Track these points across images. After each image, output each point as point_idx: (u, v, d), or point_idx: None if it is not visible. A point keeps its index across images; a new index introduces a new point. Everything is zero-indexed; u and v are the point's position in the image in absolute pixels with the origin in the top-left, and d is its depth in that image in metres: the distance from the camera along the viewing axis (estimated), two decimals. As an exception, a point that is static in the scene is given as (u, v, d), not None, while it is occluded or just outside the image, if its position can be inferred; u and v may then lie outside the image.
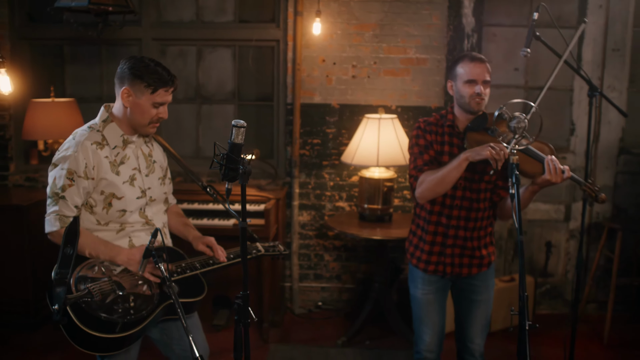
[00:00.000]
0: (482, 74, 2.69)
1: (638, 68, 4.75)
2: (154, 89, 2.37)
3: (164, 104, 2.43)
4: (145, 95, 2.37)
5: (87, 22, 4.40)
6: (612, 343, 4.28)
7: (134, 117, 2.40)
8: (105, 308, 2.19)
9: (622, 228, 4.33)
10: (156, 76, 2.36)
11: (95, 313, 2.15)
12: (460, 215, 2.77)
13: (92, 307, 2.16)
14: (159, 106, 2.41)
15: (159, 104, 2.40)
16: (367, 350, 4.14)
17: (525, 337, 2.08)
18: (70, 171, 2.28)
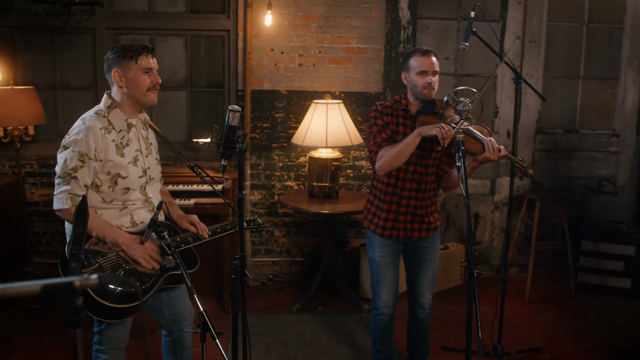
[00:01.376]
0: (432, 65, 3.11)
1: (551, 57, 5.35)
2: (136, 58, 2.64)
3: (151, 69, 2.70)
4: (132, 67, 2.65)
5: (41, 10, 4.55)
6: (532, 299, 4.89)
7: (133, 91, 2.67)
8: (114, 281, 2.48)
9: (539, 199, 4.92)
10: (133, 48, 2.66)
11: (106, 287, 2.44)
12: (412, 187, 3.20)
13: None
14: (149, 71, 2.69)
15: (147, 70, 2.68)
16: (320, 315, 4.55)
17: (474, 282, 2.53)
18: (82, 153, 2.54)
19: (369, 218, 3.37)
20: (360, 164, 5.22)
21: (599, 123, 5.53)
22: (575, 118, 5.49)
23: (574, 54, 5.41)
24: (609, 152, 5.50)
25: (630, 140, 5.47)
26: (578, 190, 5.50)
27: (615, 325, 4.47)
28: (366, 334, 4.24)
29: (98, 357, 2.83)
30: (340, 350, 4.00)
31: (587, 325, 4.46)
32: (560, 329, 4.39)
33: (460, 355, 3.94)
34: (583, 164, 5.49)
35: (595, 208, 5.53)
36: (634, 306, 4.81)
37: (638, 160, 5.46)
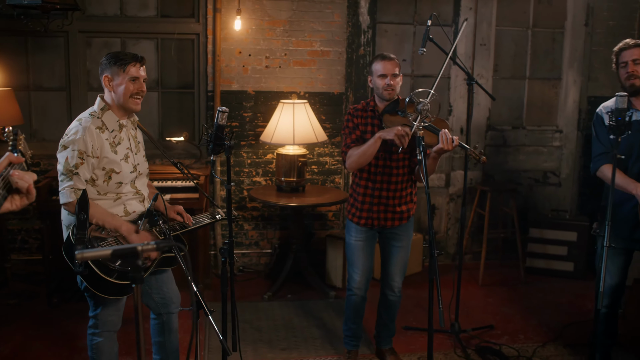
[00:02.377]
0: (392, 69, 3.44)
1: (500, 59, 5.78)
2: (125, 66, 2.90)
3: (138, 78, 2.95)
4: (121, 74, 2.90)
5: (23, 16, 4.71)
6: (485, 283, 5.30)
7: (118, 96, 2.92)
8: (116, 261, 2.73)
9: (490, 190, 5.33)
10: (124, 56, 2.91)
11: (110, 265, 2.69)
12: (383, 180, 3.52)
13: (108, 260, 2.69)
14: (135, 80, 2.94)
15: (134, 78, 2.93)
16: (290, 302, 4.85)
17: (434, 261, 2.87)
18: (81, 151, 2.78)
19: (348, 208, 3.69)
20: (324, 160, 5.53)
21: (544, 120, 5.99)
22: (522, 115, 5.93)
23: (520, 56, 5.85)
24: (553, 147, 5.96)
25: (572, 136, 5.94)
26: (525, 182, 5.95)
27: (559, 304, 4.91)
28: (334, 317, 4.56)
29: (93, 339, 3.07)
30: (311, 333, 4.31)
31: (535, 304, 4.89)
32: (511, 308, 4.80)
33: (421, 333, 4.29)
34: (530, 157, 5.93)
35: (541, 198, 5.99)
36: (576, 287, 5.26)
37: (579, 153, 5.94)
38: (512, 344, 4.17)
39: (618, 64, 3.44)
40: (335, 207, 5.61)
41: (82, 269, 2.38)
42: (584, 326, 4.40)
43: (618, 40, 5.71)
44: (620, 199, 3.35)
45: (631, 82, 3.35)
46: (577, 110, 5.89)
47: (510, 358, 3.96)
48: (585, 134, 5.87)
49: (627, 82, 3.37)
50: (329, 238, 5.28)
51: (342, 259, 5.13)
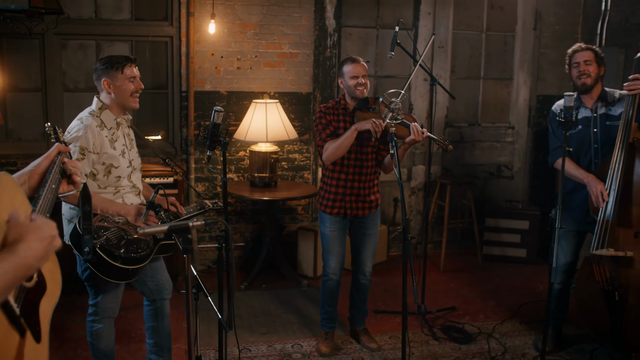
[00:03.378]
0: (362, 71, 3.76)
1: (456, 61, 6.17)
2: (122, 68, 3.15)
3: (135, 77, 3.19)
4: (119, 77, 3.15)
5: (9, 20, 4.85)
6: (446, 269, 5.68)
7: (119, 97, 3.16)
8: (122, 247, 2.96)
9: (449, 183, 5.71)
10: (118, 59, 3.16)
11: (115, 252, 2.92)
12: (355, 171, 3.84)
13: (112, 248, 2.92)
14: (133, 79, 3.18)
15: (131, 78, 3.17)
16: (265, 291, 5.13)
17: (408, 245, 3.19)
18: (82, 148, 3.00)
19: (320, 200, 3.98)
20: (294, 157, 5.82)
21: (497, 117, 6.42)
22: (477, 113, 6.35)
23: (475, 58, 6.26)
24: (506, 142, 6.40)
25: (523, 132, 6.38)
26: (481, 175, 6.37)
27: (514, 286, 5.33)
28: (308, 304, 4.85)
29: (93, 326, 3.29)
30: (287, 318, 4.59)
31: (492, 288, 5.29)
32: (471, 292, 5.19)
33: (390, 316, 4.63)
34: (485, 152, 6.36)
35: (495, 190, 6.42)
36: (528, 271, 5.70)
37: (530, 148, 6.39)
38: (473, 322, 4.55)
39: (571, 65, 3.82)
40: (305, 201, 5.90)
41: (91, 256, 2.60)
42: (537, 305, 4.82)
43: (564, 43, 6.21)
44: (574, 188, 3.75)
45: (582, 80, 3.74)
46: (527, 108, 6.34)
47: (472, 335, 4.33)
48: (535, 130, 6.33)
49: (579, 80, 3.75)
50: (300, 230, 5.57)
51: (313, 250, 5.43)
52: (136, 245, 3.06)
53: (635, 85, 3.50)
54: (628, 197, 3.49)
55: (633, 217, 3.48)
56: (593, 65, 3.71)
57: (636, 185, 3.47)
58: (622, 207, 3.50)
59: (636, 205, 3.47)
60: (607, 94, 3.75)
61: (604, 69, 3.75)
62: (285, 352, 4.05)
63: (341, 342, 4.20)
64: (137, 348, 4.08)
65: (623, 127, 3.53)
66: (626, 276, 3.52)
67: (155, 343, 3.58)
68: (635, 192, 3.47)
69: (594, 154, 3.73)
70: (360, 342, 4.16)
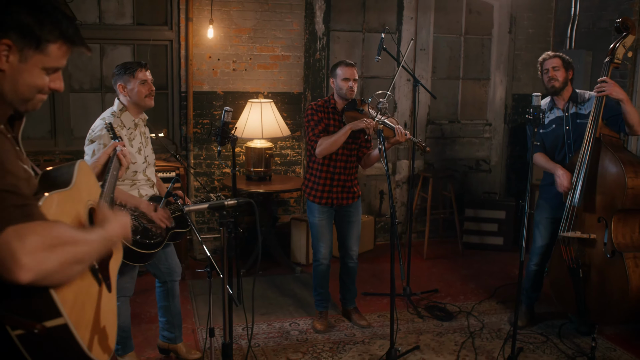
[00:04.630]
0: (353, 74, 4.16)
1: (437, 62, 6.60)
2: (133, 73, 3.52)
3: (146, 80, 3.56)
4: (132, 81, 3.51)
5: None
6: (429, 257, 6.11)
7: (134, 98, 3.52)
8: (139, 234, 3.33)
9: (432, 176, 6.14)
10: (130, 65, 3.53)
11: (133, 237, 3.28)
12: (341, 165, 4.24)
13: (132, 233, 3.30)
14: (145, 82, 3.55)
15: (143, 81, 3.54)
16: (262, 277, 5.51)
17: (395, 229, 3.60)
18: (105, 145, 3.36)
19: (308, 191, 4.37)
20: (286, 152, 6.21)
21: (476, 115, 6.86)
22: (457, 111, 6.78)
23: (455, 60, 6.69)
24: (483, 138, 6.84)
25: (500, 128, 6.83)
26: (461, 169, 6.81)
27: (492, 271, 5.77)
28: (302, 288, 5.25)
29: (112, 303, 3.66)
30: (284, 301, 4.99)
31: (472, 273, 5.73)
32: (452, 276, 5.62)
33: (378, 297, 5.04)
34: (464, 147, 6.80)
35: (474, 183, 6.87)
36: (505, 257, 6.14)
37: (506, 143, 6.84)
38: (454, 303, 4.98)
39: (542, 71, 4.27)
40: (296, 194, 6.29)
41: None
42: (512, 287, 5.25)
43: (537, 45, 6.68)
44: (550, 180, 4.20)
45: (552, 84, 4.20)
46: (503, 106, 6.78)
47: (453, 313, 4.76)
48: (511, 127, 6.78)
49: (549, 84, 4.21)
50: (294, 221, 5.97)
51: (306, 239, 5.82)
52: (150, 233, 3.43)
53: (602, 87, 3.94)
54: (593, 186, 3.93)
55: (597, 203, 3.92)
56: (561, 70, 4.16)
57: (600, 175, 3.92)
58: (588, 195, 3.95)
59: (600, 193, 3.92)
60: (577, 94, 4.21)
61: (572, 72, 4.21)
62: (284, 330, 4.45)
63: (334, 320, 4.60)
64: (147, 328, 4.44)
65: (591, 123, 3.98)
66: (589, 256, 3.96)
67: (167, 321, 3.96)
68: (600, 181, 3.92)
69: (567, 150, 4.19)
70: (352, 320, 4.57)
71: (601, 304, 3.92)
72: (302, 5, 5.98)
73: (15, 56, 1.48)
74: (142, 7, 5.83)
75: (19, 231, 1.26)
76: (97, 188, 1.89)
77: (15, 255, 1.24)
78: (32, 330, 1.35)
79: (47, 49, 1.51)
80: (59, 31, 1.51)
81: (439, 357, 4.06)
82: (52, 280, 1.33)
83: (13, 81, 1.50)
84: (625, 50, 3.98)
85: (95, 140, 3.40)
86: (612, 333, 4.43)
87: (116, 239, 1.65)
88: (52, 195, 1.50)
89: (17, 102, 1.54)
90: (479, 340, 4.32)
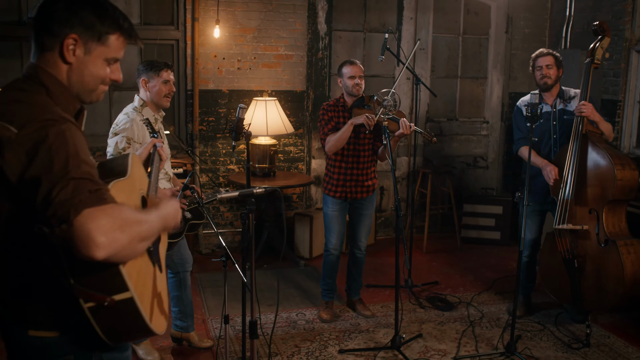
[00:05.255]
0: (359, 72, 4.33)
1: (436, 62, 6.77)
2: (159, 71, 3.67)
3: (169, 81, 3.71)
4: (155, 78, 3.67)
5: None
6: (428, 251, 6.29)
7: (153, 95, 3.68)
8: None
9: (431, 172, 6.31)
10: (157, 64, 3.69)
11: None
12: (353, 160, 4.40)
13: None
14: (167, 82, 3.70)
15: (166, 81, 3.69)
16: (268, 270, 5.68)
17: (400, 220, 3.77)
18: (128, 138, 3.51)
19: (324, 185, 4.55)
20: (289, 149, 6.37)
21: (473, 112, 7.04)
22: (455, 109, 6.96)
23: (453, 59, 6.87)
24: (481, 135, 7.02)
25: (497, 126, 7.01)
26: (459, 166, 6.99)
27: (490, 264, 5.95)
28: (307, 280, 5.42)
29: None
30: (290, 292, 5.16)
31: (470, 265, 5.91)
32: (451, 269, 5.80)
33: (381, 289, 5.22)
34: (462, 145, 6.98)
35: (472, 179, 7.05)
36: (502, 251, 6.33)
37: (503, 141, 7.02)
38: (454, 294, 5.15)
39: (534, 67, 4.45)
40: (299, 190, 6.46)
41: None
42: (510, 279, 5.42)
43: (533, 45, 6.86)
44: (535, 173, 4.37)
45: (544, 81, 4.37)
46: (500, 104, 6.96)
47: (453, 303, 4.93)
48: (508, 124, 6.96)
49: (541, 81, 4.39)
50: (297, 216, 6.13)
51: (309, 234, 5.99)
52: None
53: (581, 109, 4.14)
54: (583, 180, 4.12)
55: (588, 196, 4.11)
56: (553, 68, 4.34)
57: (589, 169, 4.11)
58: (579, 188, 4.13)
59: (590, 186, 4.10)
60: (564, 92, 4.40)
61: (562, 70, 4.40)
62: (291, 320, 4.61)
63: (339, 310, 4.77)
64: (158, 318, 4.59)
65: (577, 120, 4.16)
66: (583, 246, 4.14)
67: (179, 310, 4.11)
68: (589, 175, 4.11)
69: (553, 144, 4.37)
70: (356, 310, 4.73)
71: (597, 291, 4.10)
72: (305, 5, 6.14)
73: (80, 49, 1.67)
74: (149, 7, 5.97)
75: (94, 213, 1.43)
76: (146, 178, 2.10)
77: (91, 235, 1.40)
78: (103, 303, 1.52)
79: (108, 41, 1.71)
80: (117, 25, 1.72)
81: (441, 344, 4.24)
82: (122, 256, 1.50)
83: (79, 73, 1.69)
84: (603, 52, 4.26)
85: (119, 133, 3.55)
86: (606, 322, 4.61)
87: (170, 220, 1.79)
88: (117, 182, 1.69)
89: (83, 93, 1.73)
90: (478, 328, 4.49)
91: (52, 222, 1.43)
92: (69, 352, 1.66)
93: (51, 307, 1.62)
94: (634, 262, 3.91)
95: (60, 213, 1.42)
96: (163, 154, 2.44)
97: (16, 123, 1.54)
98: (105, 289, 1.53)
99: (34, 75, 1.69)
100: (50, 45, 1.67)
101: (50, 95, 1.66)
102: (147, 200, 1.92)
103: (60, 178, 1.46)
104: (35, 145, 1.50)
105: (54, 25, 1.65)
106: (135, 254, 1.56)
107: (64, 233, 1.41)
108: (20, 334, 1.65)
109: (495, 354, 4.06)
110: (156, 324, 1.69)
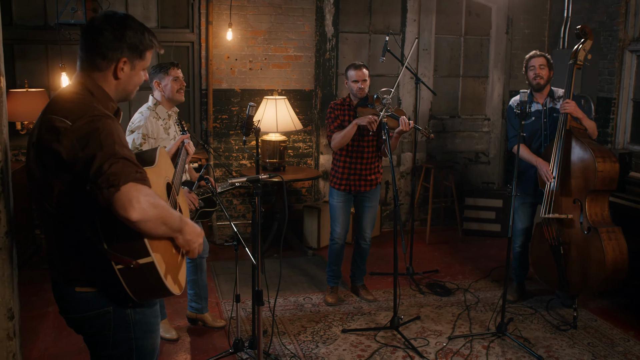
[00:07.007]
0: (362, 76, 4.64)
1: (439, 61, 7.07)
2: (167, 71, 4.01)
3: (178, 77, 4.05)
4: (166, 78, 4.01)
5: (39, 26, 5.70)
6: (431, 242, 6.60)
7: (167, 92, 4.01)
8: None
9: (433, 167, 6.62)
10: (165, 65, 4.02)
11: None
12: (357, 156, 4.73)
13: None
14: (177, 79, 4.04)
15: (175, 78, 4.03)
16: (277, 259, 6.02)
17: (398, 210, 4.09)
18: (144, 134, 3.86)
19: (331, 178, 4.88)
20: (298, 145, 6.70)
21: (475, 110, 7.34)
22: (457, 107, 7.26)
23: (455, 59, 7.17)
24: (482, 132, 7.32)
25: (498, 123, 7.31)
26: (461, 161, 7.29)
27: (489, 255, 6.25)
28: (315, 269, 5.75)
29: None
30: (298, 279, 5.49)
31: (470, 256, 6.21)
32: (452, 259, 6.11)
33: (384, 277, 5.53)
34: (464, 141, 7.28)
35: (474, 174, 7.35)
36: (502, 243, 6.52)
37: (504, 137, 7.31)
38: (453, 281, 5.47)
39: (527, 68, 4.74)
40: (308, 184, 6.79)
41: None
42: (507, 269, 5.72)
43: (533, 45, 7.16)
44: (526, 167, 4.68)
45: (537, 81, 4.67)
46: (501, 102, 7.25)
47: (452, 290, 5.24)
48: (508, 121, 7.25)
49: (534, 81, 4.68)
50: (306, 208, 6.46)
51: (317, 225, 6.32)
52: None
53: (565, 107, 4.43)
54: (568, 172, 4.42)
55: (572, 187, 4.41)
56: (546, 69, 4.64)
57: (573, 162, 4.41)
58: (564, 180, 4.43)
59: (574, 178, 4.40)
60: (553, 91, 4.70)
61: (552, 72, 4.69)
62: (299, 303, 4.95)
63: (343, 295, 5.10)
64: (175, 301, 4.93)
65: (562, 117, 4.46)
66: (568, 234, 4.44)
67: (195, 293, 4.46)
68: (573, 167, 4.41)
69: (543, 140, 4.68)
70: (359, 295, 5.06)
71: (581, 276, 4.39)
72: (312, 9, 6.47)
73: (128, 67, 2.10)
74: (165, 11, 6.33)
75: (137, 186, 1.84)
76: (172, 168, 2.49)
77: (132, 200, 1.81)
78: (129, 265, 1.92)
79: (146, 55, 2.14)
80: (152, 42, 2.16)
81: (437, 325, 4.55)
82: (147, 227, 1.88)
83: (125, 84, 2.13)
84: (585, 53, 4.54)
85: (135, 130, 3.90)
86: (595, 307, 4.90)
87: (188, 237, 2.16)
88: (149, 168, 2.11)
89: (125, 97, 2.16)
90: (473, 312, 4.80)
91: (102, 185, 1.81)
92: (107, 305, 2.07)
93: (91, 268, 2.02)
94: (615, 248, 4.20)
95: (111, 180, 1.81)
96: (190, 149, 2.85)
97: (70, 118, 1.93)
98: (131, 253, 1.93)
99: (84, 84, 2.07)
100: (105, 66, 2.08)
101: (94, 98, 2.05)
102: (172, 186, 2.30)
103: (111, 155, 1.85)
104: (88, 133, 1.89)
105: (108, 52, 2.05)
106: (156, 232, 1.94)
107: (111, 195, 1.80)
108: (70, 291, 2.08)
109: (487, 334, 4.37)
110: (172, 287, 2.05)
